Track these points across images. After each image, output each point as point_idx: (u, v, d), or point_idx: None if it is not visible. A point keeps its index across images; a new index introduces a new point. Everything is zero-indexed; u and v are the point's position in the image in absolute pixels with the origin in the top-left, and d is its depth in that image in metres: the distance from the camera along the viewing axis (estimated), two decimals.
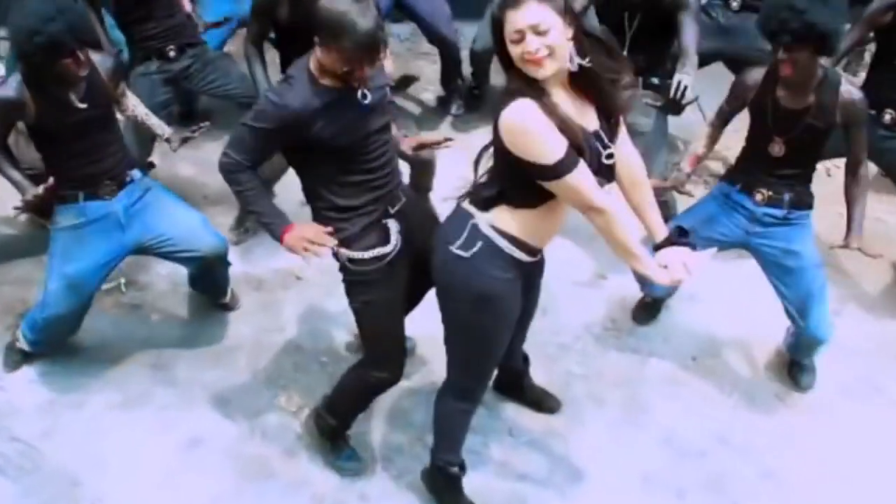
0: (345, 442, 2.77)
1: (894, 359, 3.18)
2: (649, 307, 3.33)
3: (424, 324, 3.05)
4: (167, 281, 3.31)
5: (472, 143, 2.30)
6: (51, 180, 2.64)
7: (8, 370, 3.06)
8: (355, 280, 2.45)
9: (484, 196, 2.14)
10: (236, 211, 3.68)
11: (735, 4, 3.69)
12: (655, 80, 3.34)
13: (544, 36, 1.87)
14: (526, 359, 2.88)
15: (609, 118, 2.08)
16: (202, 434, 2.87)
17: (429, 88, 4.72)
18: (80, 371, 3.07)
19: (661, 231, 2.18)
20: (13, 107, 2.60)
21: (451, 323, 2.28)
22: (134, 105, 2.99)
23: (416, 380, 3.05)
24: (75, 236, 2.78)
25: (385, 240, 2.41)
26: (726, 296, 3.41)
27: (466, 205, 2.18)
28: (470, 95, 4.54)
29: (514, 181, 2.05)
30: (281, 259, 3.33)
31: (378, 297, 2.45)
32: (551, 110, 1.91)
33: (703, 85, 3.15)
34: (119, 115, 2.91)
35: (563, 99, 1.98)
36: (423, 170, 3.53)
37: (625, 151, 2.18)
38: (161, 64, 3.49)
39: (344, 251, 2.39)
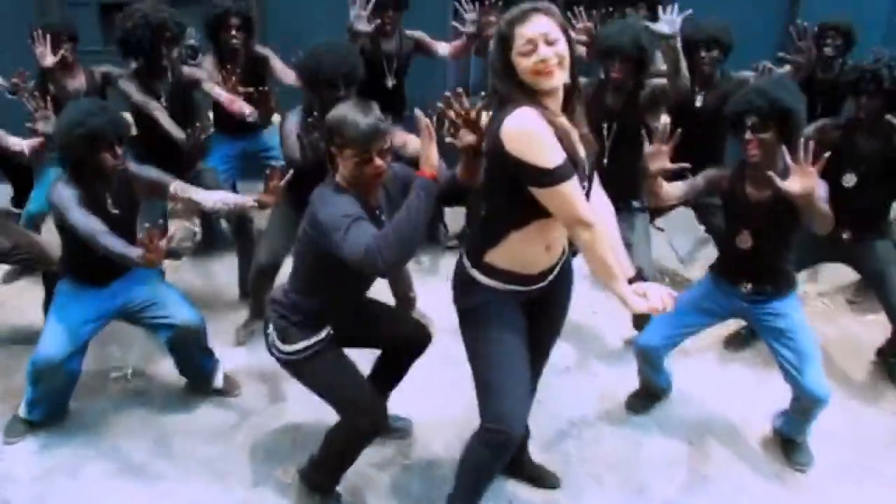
0: (335, 499, 2.77)
1: (878, 443, 3.23)
2: (645, 397, 3.38)
3: (421, 407, 3.22)
4: (173, 371, 3.39)
5: None
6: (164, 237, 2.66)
7: (11, 439, 3.09)
8: (289, 361, 2.61)
9: (473, 241, 2.35)
10: (237, 319, 3.90)
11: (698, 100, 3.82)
12: (636, 203, 3.53)
13: (554, 45, 2.00)
14: (527, 428, 2.86)
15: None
16: (198, 502, 2.85)
17: None
18: (79, 443, 3.12)
19: (629, 271, 2.24)
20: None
21: (468, 353, 2.39)
22: (211, 199, 3.08)
23: (413, 457, 3.10)
24: (70, 299, 3.03)
25: (316, 330, 2.59)
26: (719, 394, 3.50)
27: (461, 257, 2.38)
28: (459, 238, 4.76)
29: (505, 200, 2.15)
30: None
31: (320, 365, 2.61)
32: (551, 119, 2.03)
33: (675, 226, 3.23)
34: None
35: (559, 117, 2.09)
36: (399, 279, 3.76)
37: (597, 192, 2.35)
38: None
39: (278, 343, 2.58)
